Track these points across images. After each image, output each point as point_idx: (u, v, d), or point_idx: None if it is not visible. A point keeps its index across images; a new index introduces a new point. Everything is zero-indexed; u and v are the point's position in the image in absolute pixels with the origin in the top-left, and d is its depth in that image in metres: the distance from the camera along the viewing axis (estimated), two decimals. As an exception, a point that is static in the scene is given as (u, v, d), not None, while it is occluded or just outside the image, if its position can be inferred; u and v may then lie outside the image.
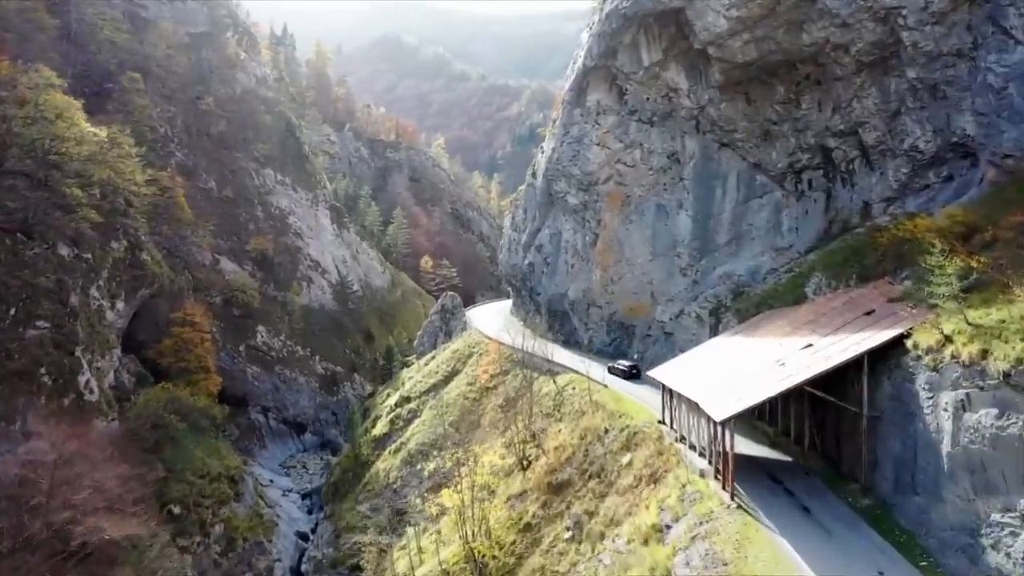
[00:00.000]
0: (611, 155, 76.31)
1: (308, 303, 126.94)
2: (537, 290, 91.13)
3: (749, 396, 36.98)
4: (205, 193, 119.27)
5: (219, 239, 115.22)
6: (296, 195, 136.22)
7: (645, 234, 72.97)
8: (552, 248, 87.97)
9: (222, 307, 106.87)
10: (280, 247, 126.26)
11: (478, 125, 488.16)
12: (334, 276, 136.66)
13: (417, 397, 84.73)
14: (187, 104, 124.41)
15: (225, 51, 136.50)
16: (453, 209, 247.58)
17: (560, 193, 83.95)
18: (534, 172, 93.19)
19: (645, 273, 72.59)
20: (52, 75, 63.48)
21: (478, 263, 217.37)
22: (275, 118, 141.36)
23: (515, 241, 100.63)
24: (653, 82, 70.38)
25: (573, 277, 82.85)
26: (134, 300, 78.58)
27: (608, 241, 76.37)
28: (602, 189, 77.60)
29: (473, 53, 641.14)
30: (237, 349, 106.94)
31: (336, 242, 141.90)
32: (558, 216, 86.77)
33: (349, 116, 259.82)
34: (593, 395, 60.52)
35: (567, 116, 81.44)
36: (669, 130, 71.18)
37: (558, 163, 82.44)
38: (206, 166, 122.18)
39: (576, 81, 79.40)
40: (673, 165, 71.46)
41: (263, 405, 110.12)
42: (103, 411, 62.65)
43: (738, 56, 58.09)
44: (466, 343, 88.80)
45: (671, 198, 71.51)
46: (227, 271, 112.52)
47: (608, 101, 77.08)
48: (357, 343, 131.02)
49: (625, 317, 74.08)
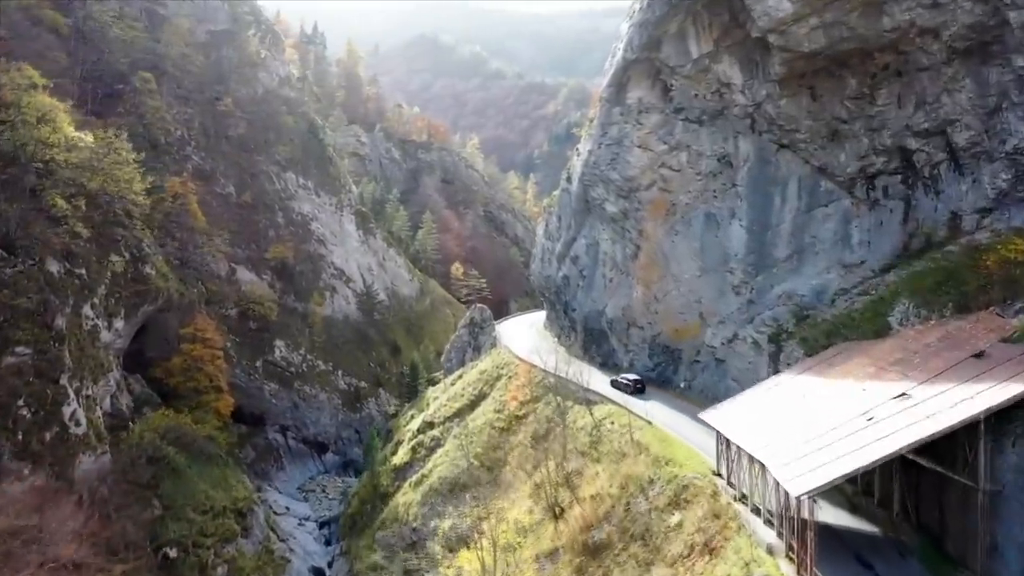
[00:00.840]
0: (654, 158, 69.42)
1: (331, 314, 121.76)
2: (572, 305, 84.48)
3: (834, 465, 30.01)
4: (223, 199, 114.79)
5: (236, 247, 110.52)
6: (319, 200, 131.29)
7: (693, 247, 65.94)
8: (588, 260, 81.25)
9: (238, 320, 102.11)
10: (302, 255, 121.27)
11: (514, 124, 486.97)
12: (359, 285, 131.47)
13: (441, 423, 78.66)
14: (205, 105, 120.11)
15: (246, 50, 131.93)
16: (486, 212, 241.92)
17: (597, 200, 77.21)
18: (569, 176, 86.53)
19: (693, 291, 65.55)
20: (35, 74, 58.56)
21: (512, 268, 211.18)
22: (297, 119, 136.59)
23: (548, 251, 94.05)
24: (702, 76, 63.48)
25: (611, 293, 76.05)
26: (135, 317, 73.72)
27: (651, 254, 69.45)
28: (644, 196, 70.71)
29: (510, 51, 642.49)
30: (253, 365, 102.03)
31: (361, 249, 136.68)
32: (595, 225, 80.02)
33: (380, 116, 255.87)
34: (635, 432, 53.85)
35: (605, 115, 74.68)
36: (720, 130, 64.17)
37: (595, 167, 75.71)
38: (224, 170, 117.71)
39: (615, 77, 72.63)
40: (724, 169, 64.40)
41: (281, 424, 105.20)
42: (91, 444, 57.47)
43: (803, 45, 50.93)
44: (494, 363, 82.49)
45: (722, 206, 64.44)
46: (244, 281, 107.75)
47: (651, 98, 70.23)
48: (383, 356, 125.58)
49: (670, 339, 67.10)
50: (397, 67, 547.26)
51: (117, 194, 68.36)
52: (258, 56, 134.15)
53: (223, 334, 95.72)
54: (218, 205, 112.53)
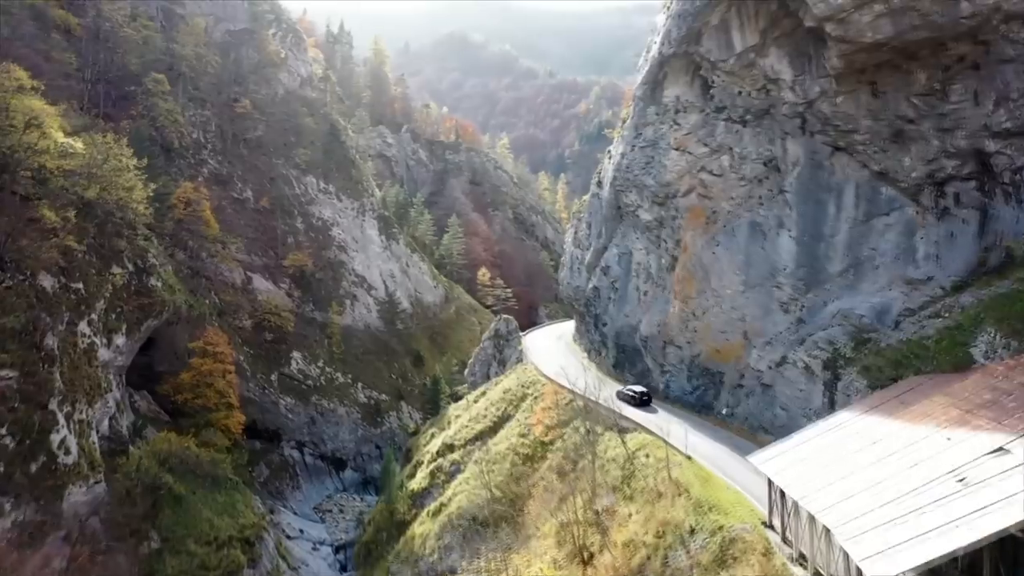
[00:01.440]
0: (693, 162, 64.13)
1: (351, 323, 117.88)
2: (603, 319, 79.35)
3: (923, 546, 24.68)
4: (239, 204, 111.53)
5: (253, 255, 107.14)
6: (340, 204, 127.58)
7: (736, 259, 60.45)
8: (620, 271, 76.08)
9: (252, 332, 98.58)
10: (322, 262, 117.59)
11: (545, 123, 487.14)
12: (381, 292, 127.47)
13: (461, 446, 74.03)
14: (222, 107, 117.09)
15: (266, 49, 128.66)
16: (515, 213, 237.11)
17: (630, 207, 72.07)
18: (599, 181, 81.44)
19: (736, 307, 60.06)
20: (24, 75, 54.94)
21: (541, 273, 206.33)
22: (319, 121, 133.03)
23: (577, 260, 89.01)
24: (747, 72, 58.14)
25: (646, 307, 70.79)
26: (138, 333, 70.06)
27: (689, 266, 64.07)
28: (682, 203, 65.43)
29: (541, 49, 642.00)
30: (268, 378, 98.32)
31: (384, 255, 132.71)
32: (628, 233, 74.86)
33: (407, 117, 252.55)
34: (672, 467, 48.65)
35: (639, 115, 69.59)
36: (766, 131, 58.72)
37: (628, 171, 70.62)
38: (241, 174, 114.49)
39: (650, 73, 67.52)
40: (771, 174, 58.89)
41: (298, 440, 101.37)
42: (82, 474, 53.67)
43: (866, 35, 45.35)
44: (519, 381, 77.64)
45: (768, 215, 58.90)
46: (260, 291, 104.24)
47: (689, 96, 65.06)
48: (405, 367, 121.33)
49: (710, 361, 61.66)
50: (427, 66, 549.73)
51: (118, 203, 64.56)
52: (278, 56, 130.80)
53: (237, 347, 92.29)
54: (234, 211, 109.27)
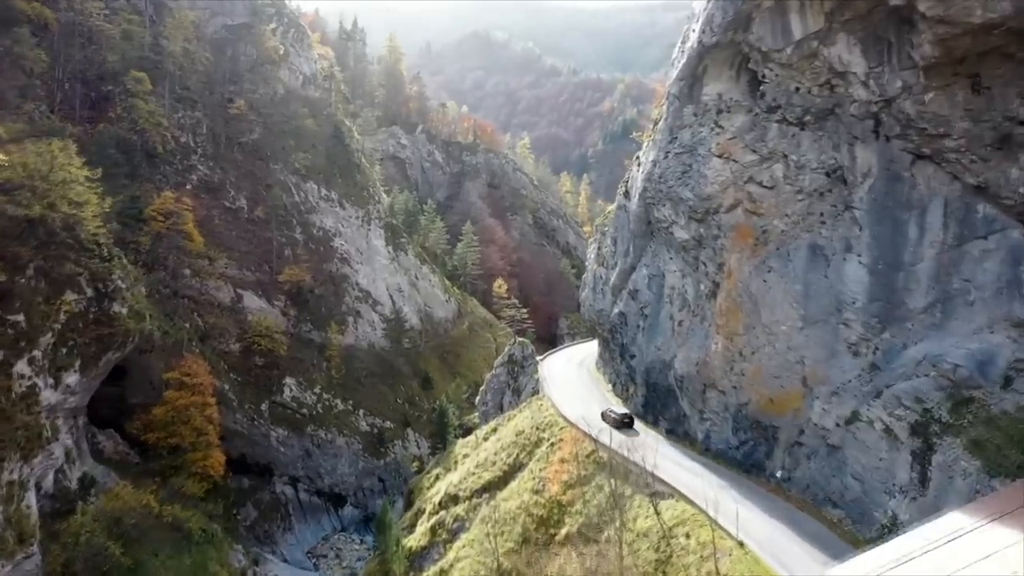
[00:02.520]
0: (739, 171, 54.71)
1: (354, 342, 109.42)
2: (630, 350, 70.02)
3: None
4: (232, 214, 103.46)
5: (244, 270, 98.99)
6: (344, 212, 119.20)
7: (792, 289, 50.90)
8: (651, 296, 66.72)
9: (240, 356, 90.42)
10: (322, 276, 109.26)
11: (568, 122, 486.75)
12: (388, 308, 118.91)
13: (467, 498, 65.10)
14: (214, 108, 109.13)
15: (263, 45, 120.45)
16: (535, 218, 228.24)
17: (663, 222, 62.68)
18: (626, 191, 72.11)
19: (793, 347, 50.50)
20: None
21: (561, 281, 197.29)
22: (321, 122, 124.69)
23: (601, 279, 79.72)
24: (807, 64, 48.67)
25: (681, 340, 61.34)
26: (96, 369, 61.85)
27: (735, 296, 54.60)
28: (725, 220, 56.00)
29: (564, 47, 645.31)
30: (258, 408, 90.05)
31: (391, 267, 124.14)
32: (660, 253, 65.48)
33: (422, 117, 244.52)
34: (719, 556, 39.39)
35: (674, 116, 60.22)
36: (830, 135, 49.27)
37: (661, 181, 61.27)
38: (235, 181, 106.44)
39: (688, 67, 58.16)
40: (835, 187, 49.41)
41: (291, 475, 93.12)
42: (7, 550, 45.36)
43: (975, 13, 35.90)
44: (534, 422, 68.48)
45: (832, 236, 49.38)
46: (251, 310, 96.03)
47: (734, 94, 55.72)
48: (412, 391, 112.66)
49: (762, 412, 52.10)
50: (449, 65, 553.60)
51: (66, 220, 56.35)
52: (277, 52, 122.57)
53: (221, 374, 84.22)
54: (225, 222, 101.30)
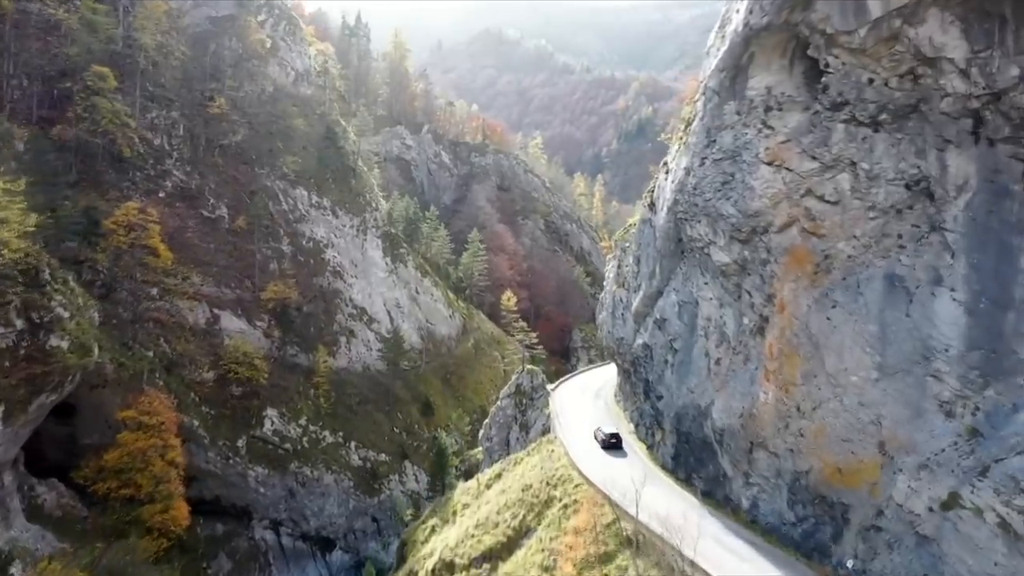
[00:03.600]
0: (794, 182, 45.19)
1: (347, 365, 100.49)
2: (656, 389, 60.50)
3: None
4: (211, 225, 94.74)
5: (223, 287, 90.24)
6: (337, 221, 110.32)
7: (864, 329, 41.33)
8: (682, 327, 57.18)
9: (215, 387, 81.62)
10: (311, 292, 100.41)
11: (581, 121, 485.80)
12: (385, 326, 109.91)
13: (464, 567, 55.76)
14: (193, 107, 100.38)
15: (248, 38, 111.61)
16: (547, 222, 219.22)
17: (697, 242, 53.16)
18: (652, 202, 62.49)
19: (866, 404, 40.88)
20: None
21: (575, 290, 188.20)
22: (312, 122, 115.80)
23: (621, 303, 70.18)
24: (886, 49, 39.22)
25: (720, 383, 51.77)
26: (24, 415, 53.19)
27: (789, 335, 45.01)
28: (776, 241, 46.43)
29: (577, 45, 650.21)
30: (234, 445, 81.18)
31: (389, 280, 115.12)
32: (693, 276, 55.93)
33: (428, 116, 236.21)
34: None
35: (712, 115, 50.69)
36: (912, 138, 39.79)
37: (696, 193, 51.72)
38: (215, 188, 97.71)
39: (729, 56, 48.65)
40: (919, 202, 39.97)
41: (272, 518, 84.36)
42: None
43: None
44: (545, 474, 59.04)
45: (916, 264, 39.89)
46: (229, 332, 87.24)
47: (788, 87, 46.22)
48: (411, 418, 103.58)
49: (827, 483, 42.44)
50: (460, 64, 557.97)
51: None
52: (263, 46, 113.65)
53: (190, 408, 75.43)
54: (203, 233, 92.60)
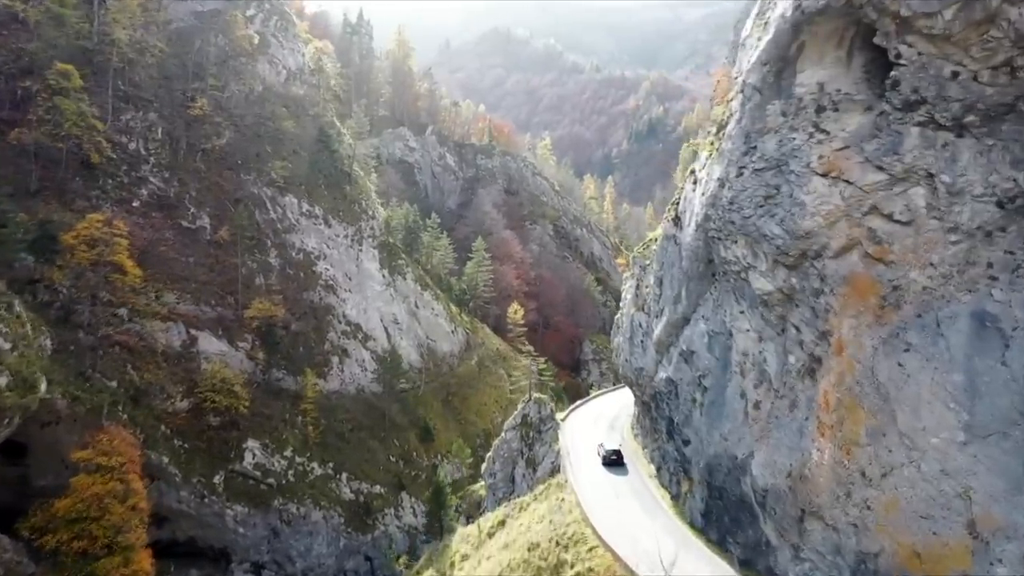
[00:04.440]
0: (855, 197, 37.91)
1: (339, 387, 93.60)
2: (683, 432, 53.20)
3: None
4: (191, 236, 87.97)
5: (202, 305, 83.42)
6: (330, 230, 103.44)
7: (947, 380, 33.91)
8: (712, 361, 49.89)
9: (189, 417, 74.76)
10: (301, 308, 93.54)
11: (591, 121, 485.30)
12: (381, 344, 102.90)
13: (461, 643, 48.57)
14: (173, 109, 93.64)
15: (234, 33, 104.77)
16: (556, 227, 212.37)
17: (733, 265, 45.79)
18: (677, 216, 55.13)
19: (951, 472, 33.47)
20: None
21: (585, 299, 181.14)
22: (304, 124, 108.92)
23: (641, 329, 62.81)
24: (976, 34, 32.18)
25: (760, 431, 44.36)
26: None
27: (850, 382, 37.63)
28: (833, 268, 39.10)
29: (586, 44, 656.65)
30: (210, 481, 74.30)
31: (386, 294, 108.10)
32: (726, 304, 48.57)
33: (433, 116, 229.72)
34: None
35: (752, 116, 43.38)
36: (1008, 144, 32.80)
37: (732, 208, 44.36)
38: (196, 196, 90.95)
39: (775, 46, 41.42)
40: (1015, 223, 32.74)
41: (254, 561, 77.58)
42: None
43: None
44: (554, 529, 51.82)
45: (1011, 300, 32.63)
46: (207, 355, 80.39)
47: (845, 83, 39.14)
48: (409, 445, 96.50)
49: (902, 568, 34.97)
50: (468, 63, 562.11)
51: None
52: (251, 42, 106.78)
53: (160, 443, 68.56)
54: (182, 245, 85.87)
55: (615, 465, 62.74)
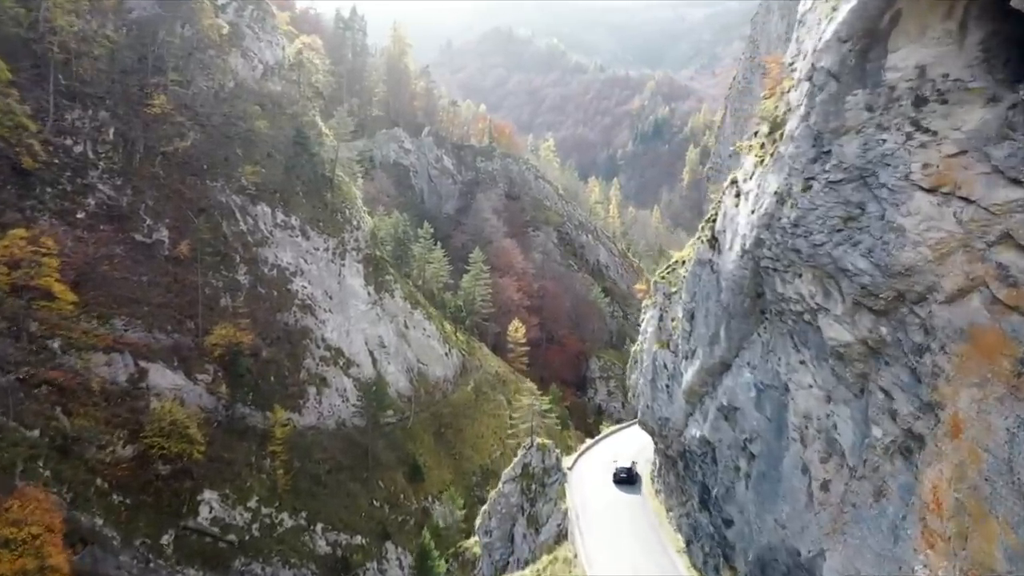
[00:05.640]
0: (979, 221, 28.04)
1: (316, 423, 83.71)
2: (723, 508, 43.19)
3: None
4: (145, 252, 78.27)
5: (155, 332, 73.63)
6: (308, 243, 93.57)
7: None
8: (763, 423, 39.92)
9: (133, 466, 64.94)
10: (273, 332, 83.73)
11: (595, 122, 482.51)
12: (366, 370, 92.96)
13: None
14: (128, 107, 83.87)
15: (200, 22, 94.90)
16: (560, 233, 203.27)
17: (793, 303, 35.88)
18: (713, 237, 45.04)
19: None
20: None
21: (592, 311, 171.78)
22: (282, 124, 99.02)
23: (666, 370, 52.75)
24: None
25: (832, 522, 34.36)
26: None
27: (976, 479, 27.65)
28: (944, 316, 29.21)
29: (589, 43, 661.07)
30: (156, 542, 64.44)
31: (372, 314, 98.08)
32: (781, 349, 38.61)
33: (430, 116, 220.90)
34: None
35: (824, 111, 33.40)
36: None
37: (796, 232, 34.42)
38: (154, 205, 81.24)
39: (857, 18, 31.57)
40: None
41: (211, 632, 67.04)
42: None
43: None
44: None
45: None
46: (158, 391, 70.57)
47: (955, 67, 29.42)
48: (395, 487, 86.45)
49: None
50: (470, 63, 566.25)
51: None
52: (219, 32, 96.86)
53: (95, 500, 58.46)
54: (134, 263, 76.14)
55: (626, 483, 61.51)
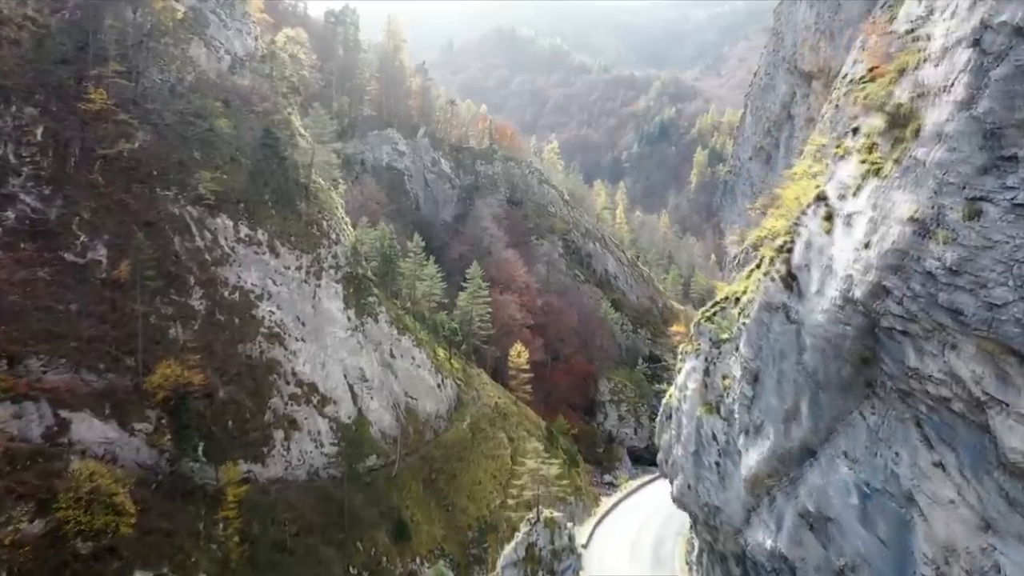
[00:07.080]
0: None
1: (283, 474, 71.91)
2: (809, 654, 31.31)
3: None
4: (77, 274, 66.58)
5: (83, 372, 61.86)
6: (277, 261, 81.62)
7: None
8: (873, 544, 28.13)
9: (44, 543, 52.74)
10: (233, 366, 71.95)
11: (600, 123, 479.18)
12: (344, 408, 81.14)
13: None
14: (63, 103, 72.39)
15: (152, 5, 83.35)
16: (566, 242, 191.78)
17: (938, 385, 23.91)
18: (789, 273, 33.00)
19: None
20: None
21: (601, 327, 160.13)
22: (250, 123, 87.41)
23: (715, 444, 40.87)
24: None
25: None
26: None
27: None
28: None
29: (592, 44, 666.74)
30: (71, 642, 52.31)
31: (352, 342, 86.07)
32: (900, 438, 26.73)
33: (426, 117, 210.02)
34: None
35: (1008, 94, 21.39)
36: None
37: (956, 281, 22.44)
38: (89, 219, 69.53)
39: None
40: None
41: None
42: None
43: None
44: None
45: None
46: (84, 445, 58.85)
47: None
48: (377, 549, 74.43)
49: None
50: (472, 63, 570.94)
51: None
52: (174, 16, 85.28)
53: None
54: (60, 288, 64.47)
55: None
